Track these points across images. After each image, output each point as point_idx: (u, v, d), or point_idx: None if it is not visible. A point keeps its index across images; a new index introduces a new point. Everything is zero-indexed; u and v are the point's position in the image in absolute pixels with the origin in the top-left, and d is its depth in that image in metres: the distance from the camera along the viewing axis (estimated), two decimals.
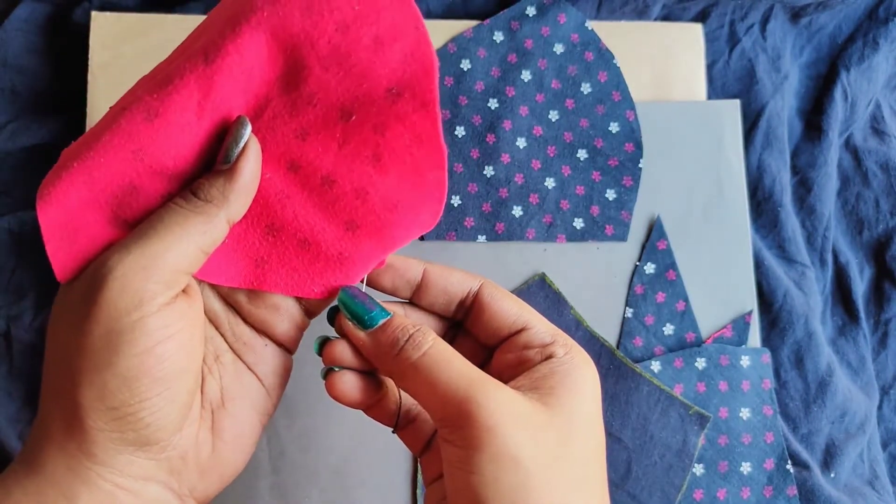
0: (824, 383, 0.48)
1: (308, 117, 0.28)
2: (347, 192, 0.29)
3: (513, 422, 0.26)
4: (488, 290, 0.31)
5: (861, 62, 0.51)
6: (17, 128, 0.47)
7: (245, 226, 0.30)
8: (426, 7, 0.50)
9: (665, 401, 0.46)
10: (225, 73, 0.27)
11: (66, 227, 0.27)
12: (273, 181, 0.29)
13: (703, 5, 0.50)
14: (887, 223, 0.52)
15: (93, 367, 0.25)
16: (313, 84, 0.28)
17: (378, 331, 0.29)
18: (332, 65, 0.27)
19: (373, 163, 0.29)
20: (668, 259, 0.47)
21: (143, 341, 0.26)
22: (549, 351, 0.29)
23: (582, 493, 0.27)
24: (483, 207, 0.47)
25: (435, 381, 0.27)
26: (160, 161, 0.27)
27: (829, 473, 0.48)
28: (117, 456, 0.26)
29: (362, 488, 0.45)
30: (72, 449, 0.26)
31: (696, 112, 0.49)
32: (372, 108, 0.28)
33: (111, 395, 0.25)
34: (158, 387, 0.26)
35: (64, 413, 0.26)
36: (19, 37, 0.48)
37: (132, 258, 0.26)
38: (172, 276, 0.26)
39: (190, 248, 0.27)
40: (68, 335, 0.26)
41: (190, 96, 0.26)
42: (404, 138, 0.29)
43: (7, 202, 0.47)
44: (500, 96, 0.48)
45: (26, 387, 0.46)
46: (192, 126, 0.27)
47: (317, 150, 0.29)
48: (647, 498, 0.45)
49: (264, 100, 0.28)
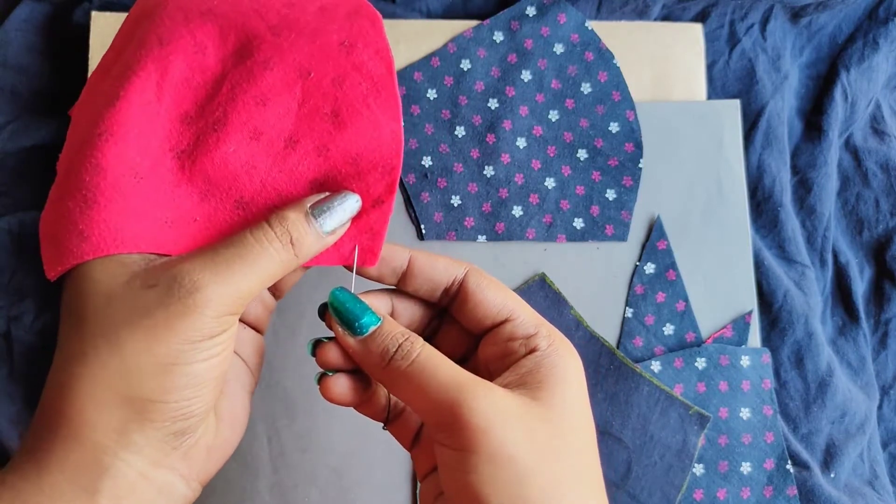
0: (824, 383, 0.48)
1: (266, 81, 0.29)
2: (310, 151, 0.30)
3: (505, 421, 0.27)
4: (473, 278, 0.31)
5: (861, 62, 0.51)
6: (16, 128, 0.47)
7: (214, 204, 0.30)
8: (426, 7, 0.50)
9: (665, 401, 0.46)
10: (179, 52, 0.28)
11: (49, 225, 0.28)
12: (238, 153, 0.29)
13: (703, 5, 0.50)
14: (887, 223, 0.52)
15: (161, 369, 0.26)
16: (267, 49, 0.29)
17: (368, 339, 0.30)
18: (283, 30, 0.29)
19: (332, 119, 0.30)
20: (668, 259, 0.47)
21: (208, 354, 0.27)
22: (532, 343, 0.30)
23: (579, 483, 0.27)
24: (483, 207, 0.47)
25: (425, 388, 0.28)
26: (124, 140, 0.28)
27: (829, 473, 0.48)
28: (154, 444, 0.27)
29: (362, 488, 0.45)
30: (104, 441, 0.27)
31: (696, 112, 0.49)
32: (329, 62, 0.29)
33: (176, 391, 0.27)
34: (205, 388, 0.28)
35: (114, 404, 0.27)
36: (19, 37, 0.48)
37: (221, 284, 0.27)
38: (247, 302, 0.28)
39: (267, 282, 0.29)
40: (134, 335, 0.27)
41: (148, 77, 0.28)
42: (361, 87, 0.30)
43: (7, 202, 0.47)
44: (500, 96, 0.48)
45: (27, 388, 0.46)
46: (152, 105, 0.28)
47: (277, 112, 0.30)
48: (647, 498, 0.45)
49: (220, 75, 0.29)
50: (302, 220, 0.29)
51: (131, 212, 0.28)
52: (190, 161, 0.29)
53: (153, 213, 0.29)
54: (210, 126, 0.29)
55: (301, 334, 0.45)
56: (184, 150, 0.29)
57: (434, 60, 0.48)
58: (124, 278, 0.27)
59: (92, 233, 0.27)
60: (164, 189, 0.29)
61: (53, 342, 0.46)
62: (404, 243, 0.47)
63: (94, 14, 0.47)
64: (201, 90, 0.29)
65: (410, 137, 0.48)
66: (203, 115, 0.29)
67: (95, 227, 0.27)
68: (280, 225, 0.29)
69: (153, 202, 0.29)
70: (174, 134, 0.29)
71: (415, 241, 0.47)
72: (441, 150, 0.48)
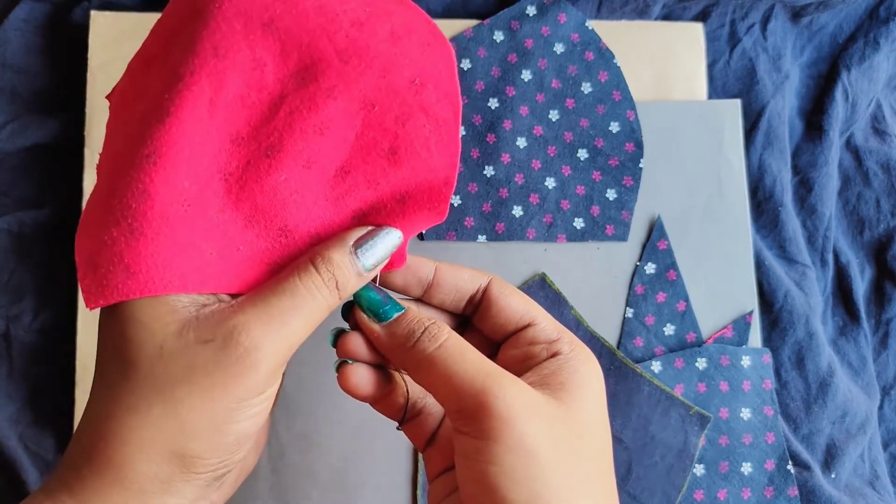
0: (825, 383, 0.48)
1: (328, 111, 0.28)
2: (360, 183, 0.29)
3: (529, 414, 0.27)
4: (497, 286, 0.32)
5: (862, 62, 0.51)
6: (16, 128, 0.47)
7: (258, 231, 0.29)
8: (426, 7, 0.50)
9: (666, 401, 0.46)
10: (236, 67, 0.26)
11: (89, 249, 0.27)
12: (289, 182, 0.28)
13: (703, 5, 0.50)
14: (888, 223, 0.52)
15: (213, 429, 0.27)
16: (333, 77, 0.27)
17: (393, 323, 0.30)
18: (352, 57, 0.27)
19: (388, 156, 0.29)
20: (668, 259, 0.47)
21: (257, 410, 0.27)
22: (555, 348, 0.30)
23: (593, 488, 0.27)
24: (483, 207, 0.47)
25: (451, 373, 0.28)
26: (173, 164, 0.26)
27: (830, 474, 0.47)
28: (197, 490, 0.28)
29: (362, 489, 0.45)
30: (150, 489, 0.27)
31: (696, 112, 0.49)
32: (395, 98, 0.28)
33: (224, 448, 0.27)
34: (250, 441, 0.28)
35: (163, 459, 0.27)
36: (18, 37, 0.48)
37: (277, 339, 0.27)
38: (294, 350, 0.28)
39: (312, 328, 0.29)
40: (191, 395, 0.26)
41: (202, 93, 0.26)
42: (425, 129, 0.29)
43: (6, 202, 0.47)
44: (501, 96, 0.48)
45: (26, 388, 0.46)
46: (203, 123, 0.26)
47: (334, 141, 0.28)
48: (648, 498, 0.45)
49: (279, 97, 0.28)
50: (346, 263, 0.29)
51: (179, 245, 0.26)
52: (238, 185, 0.28)
53: (199, 244, 0.27)
54: (263, 151, 0.28)
55: None
56: (232, 172, 0.28)
57: None
58: (176, 327, 0.27)
59: (139, 269, 0.26)
60: (209, 215, 0.28)
61: (52, 342, 0.46)
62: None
63: (93, 14, 0.47)
64: (256, 110, 0.28)
65: None
66: (257, 137, 0.28)
67: (143, 263, 0.26)
68: (327, 270, 0.28)
69: (199, 230, 0.27)
70: (223, 155, 0.28)
71: (415, 242, 0.47)
72: None
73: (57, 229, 0.47)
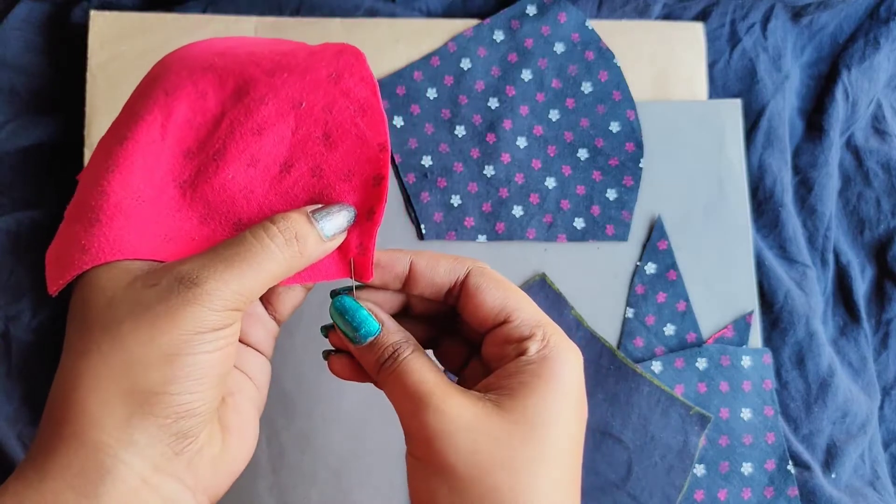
0: (825, 384, 0.48)
1: (262, 114, 0.32)
2: (304, 173, 0.32)
3: (452, 432, 0.27)
4: (473, 279, 0.32)
5: (862, 62, 0.51)
6: (15, 128, 0.47)
7: (214, 227, 0.31)
8: (426, 6, 0.50)
9: (666, 401, 0.45)
10: (182, 99, 0.31)
11: (54, 251, 0.30)
12: (236, 179, 0.31)
13: (704, 4, 0.50)
14: (888, 223, 0.52)
15: (164, 360, 0.27)
16: (262, 88, 0.32)
17: (365, 349, 0.31)
18: (277, 71, 0.32)
19: (324, 141, 0.32)
20: (668, 259, 0.47)
21: (211, 346, 0.28)
22: (522, 347, 0.30)
23: (541, 495, 0.27)
24: (483, 207, 0.47)
25: (402, 391, 0.29)
26: (129, 170, 0.30)
27: (830, 474, 0.47)
28: (157, 446, 0.27)
29: (361, 489, 0.45)
30: (106, 440, 0.27)
31: (696, 111, 0.49)
32: (319, 92, 0.32)
33: (178, 382, 0.27)
34: (207, 382, 0.28)
35: (117, 399, 0.27)
36: (18, 36, 0.48)
37: (223, 279, 0.27)
38: (251, 298, 0.29)
39: (269, 280, 0.29)
40: (136, 328, 0.27)
41: (154, 121, 0.31)
42: (349, 110, 0.32)
43: (5, 202, 0.47)
44: (501, 96, 0.48)
45: (25, 387, 0.46)
46: (157, 143, 0.31)
47: (273, 140, 0.32)
48: (648, 498, 0.45)
49: (220, 114, 0.32)
50: (304, 220, 0.30)
51: (132, 228, 0.30)
52: (191, 189, 0.31)
53: (153, 230, 0.30)
54: (210, 157, 0.31)
55: (298, 335, 0.45)
56: (185, 180, 0.32)
57: (434, 60, 0.48)
58: (126, 281, 0.28)
59: (92, 245, 0.29)
60: (165, 212, 0.31)
61: (51, 341, 0.46)
62: (404, 243, 0.47)
63: (92, 13, 0.47)
64: (202, 129, 0.32)
65: (410, 137, 0.47)
66: (204, 148, 0.32)
67: (95, 241, 0.29)
68: (283, 221, 0.29)
69: (154, 222, 0.31)
70: (177, 167, 0.31)
71: (415, 241, 0.47)
72: (441, 150, 0.48)
73: (55, 229, 0.47)
